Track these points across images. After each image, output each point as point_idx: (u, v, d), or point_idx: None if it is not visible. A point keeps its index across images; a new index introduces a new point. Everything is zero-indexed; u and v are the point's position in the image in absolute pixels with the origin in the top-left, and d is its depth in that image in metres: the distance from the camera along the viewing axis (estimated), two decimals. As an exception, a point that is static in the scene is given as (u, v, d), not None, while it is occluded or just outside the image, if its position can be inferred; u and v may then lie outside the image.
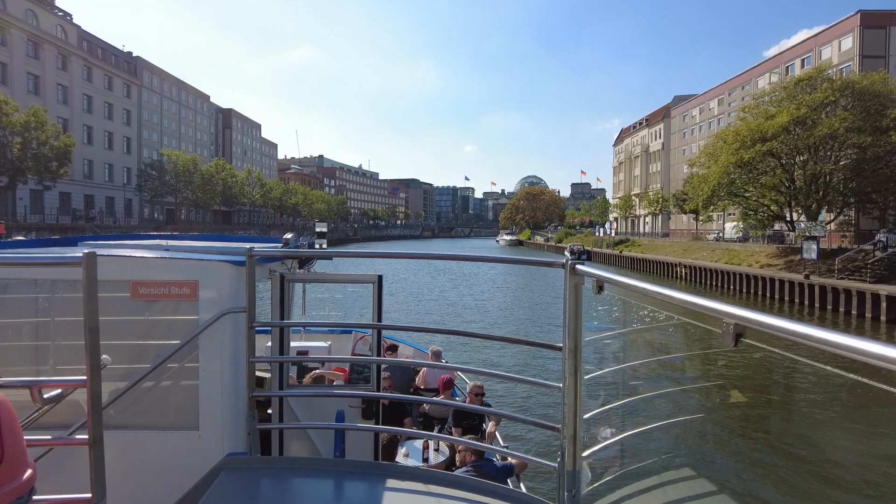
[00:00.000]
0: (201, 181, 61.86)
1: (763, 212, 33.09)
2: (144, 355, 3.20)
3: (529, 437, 8.64)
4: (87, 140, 59.74)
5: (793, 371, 11.88)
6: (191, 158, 61.81)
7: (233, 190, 69.80)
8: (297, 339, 6.64)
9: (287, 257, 4.32)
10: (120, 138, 66.01)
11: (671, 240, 55.89)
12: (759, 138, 28.39)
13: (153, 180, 59.97)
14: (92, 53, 60.65)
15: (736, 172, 30.37)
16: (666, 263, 41.41)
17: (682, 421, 6.70)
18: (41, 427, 2.34)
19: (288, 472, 2.66)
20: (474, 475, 3.68)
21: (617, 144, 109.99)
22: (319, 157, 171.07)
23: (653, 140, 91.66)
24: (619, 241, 58.56)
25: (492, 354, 14.76)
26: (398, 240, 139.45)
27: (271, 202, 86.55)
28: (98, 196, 61.13)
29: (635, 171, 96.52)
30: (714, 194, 31.30)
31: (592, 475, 2.46)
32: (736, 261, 35.01)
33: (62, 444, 2.42)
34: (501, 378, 11.11)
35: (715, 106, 72.43)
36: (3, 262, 2.80)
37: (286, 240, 4.44)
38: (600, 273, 2.08)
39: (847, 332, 1.01)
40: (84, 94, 58.88)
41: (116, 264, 3.14)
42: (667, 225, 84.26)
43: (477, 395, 5.48)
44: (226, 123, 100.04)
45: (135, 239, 5.11)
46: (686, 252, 43.43)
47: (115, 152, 64.58)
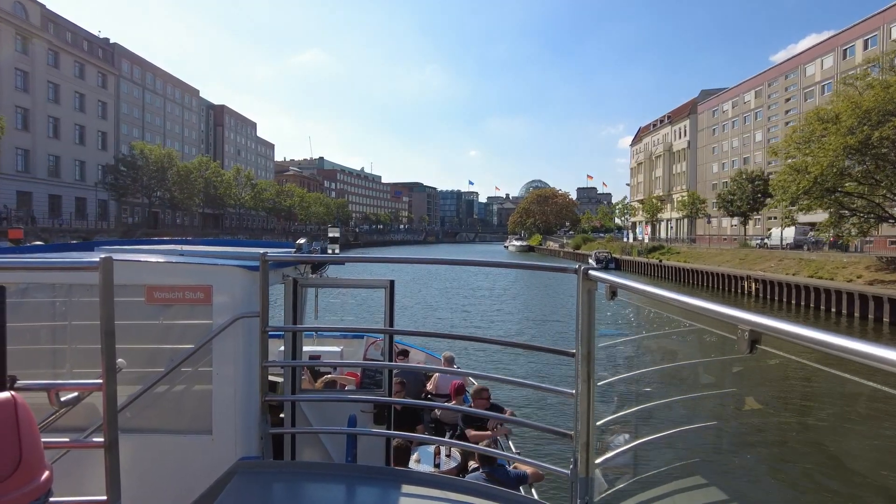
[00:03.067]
0: (178, 179, 54.63)
1: (870, 211, 25.70)
2: (159, 359, 3.21)
3: (541, 443, 8.53)
4: (52, 133, 53.20)
5: (810, 379, 11.54)
6: (166, 153, 54.67)
7: (217, 190, 62.71)
8: (310, 343, 6.50)
9: (300, 262, 4.35)
10: (93, 133, 59.42)
11: (717, 246, 48.87)
12: (891, 111, 21.17)
13: (123, 177, 52.81)
14: (59, 37, 54.13)
15: (851, 159, 23.13)
16: (727, 276, 34.33)
17: (696, 428, 4.55)
18: (58, 429, 2.33)
19: (300, 476, 2.69)
20: (486, 481, 3.74)
21: (634, 144, 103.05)
22: (320, 159, 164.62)
23: (676, 138, 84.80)
24: (652, 248, 51.52)
25: (503, 360, 14.58)
26: (401, 245, 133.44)
27: (262, 204, 79.18)
28: (66, 196, 54.51)
29: (656, 171, 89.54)
30: (817, 186, 23.89)
31: (605, 483, 2.45)
32: (822, 274, 28.02)
33: (78, 446, 2.43)
34: (513, 384, 10.08)
35: (751, 99, 65.55)
36: (21, 266, 2.92)
37: (299, 245, 4.33)
38: (613, 279, 2.06)
39: (865, 338, 0.98)
40: (49, 81, 52.30)
41: (132, 269, 3.17)
42: (693, 229, 77.48)
43: (482, 399, 5.54)
44: (217, 121, 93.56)
45: (150, 244, 5.32)
46: (745, 262, 36.40)
47: (87, 148, 57.94)
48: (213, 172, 62.15)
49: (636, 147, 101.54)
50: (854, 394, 10.71)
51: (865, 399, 10.53)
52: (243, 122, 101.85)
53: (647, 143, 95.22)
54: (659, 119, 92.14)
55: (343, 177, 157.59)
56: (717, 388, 3.80)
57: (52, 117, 53.15)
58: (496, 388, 5.55)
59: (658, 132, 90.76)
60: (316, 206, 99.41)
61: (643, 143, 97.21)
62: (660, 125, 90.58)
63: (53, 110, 53.32)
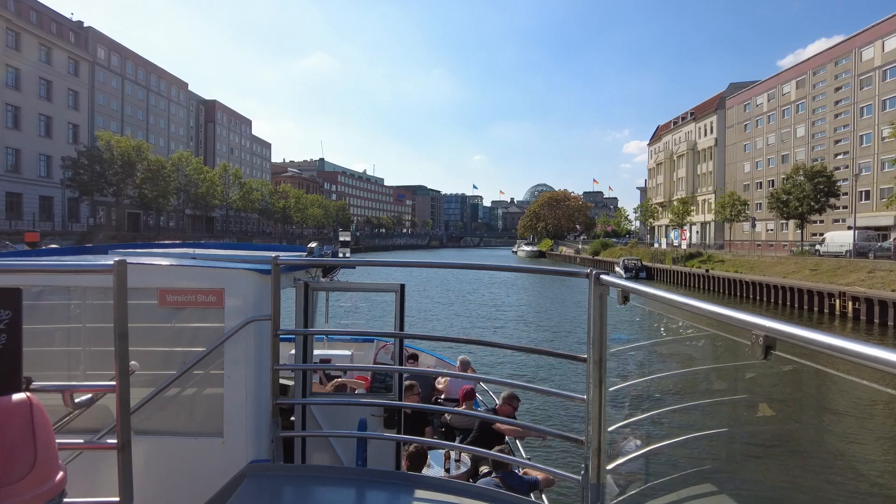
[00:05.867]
0: (150, 174, 48.17)
1: None
2: (171, 362, 3.20)
3: (552, 448, 8.53)
4: (11, 124, 47.29)
5: (827, 386, 8.54)
6: (134, 145, 48.24)
7: (198, 188, 56.30)
8: (321, 347, 6.55)
9: (311, 266, 4.31)
10: (62, 125, 53.45)
11: (772, 254, 42.43)
12: None
13: (84, 172, 46.39)
14: (22, 16, 48.29)
15: None
16: (808, 292, 27.82)
17: (708, 435, 4.62)
18: (72, 431, 2.34)
19: (310, 480, 2.69)
20: (498, 487, 3.77)
21: (653, 143, 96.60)
22: (320, 161, 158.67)
23: (701, 136, 78.40)
24: (689, 255, 45.08)
25: (514, 365, 14.54)
26: (404, 249, 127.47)
27: (252, 206, 72.39)
28: (28, 195, 48.54)
29: (679, 172, 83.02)
30: None
31: (617, 488, 2.44)
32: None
33: (92, 447, 2.43)
34: (524, 389, 10.02)
35: (791, 90, 59.12)
36: (37, 269, 3.03)
37: (311, 248, 4.37)
38: (625, 283, 2.05)
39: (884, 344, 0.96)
40: (7, 64, 46.38)
41: (145, 272, 3.18)
42: (722, 234, 71.07)
43: (509, 406, 5.52)
44: (208, 117, 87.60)
45: (163, 247, 5.39)
46: (819, 274, 29.93)
47: (54, 141, 51.96)
48: (195, 169, 55.74)
49: (655, 146, 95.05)
50: (872, 401, 10.33)
51: (884, 406, 10.45)
52: (237, 118, 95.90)
53: (667, 142, 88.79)
54: (681, 116, 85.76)
55: (344, 179, 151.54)
56: (729, 395, 3.47)
57: (10, 105, 47.23)
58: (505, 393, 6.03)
59: (680, 130, 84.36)
60: (313, 209, 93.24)
61: (663, 142, 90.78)
62: (682, 122, 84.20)
63: (13, 98, 47.39)
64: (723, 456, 3.81)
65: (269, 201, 78.30)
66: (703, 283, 37.64)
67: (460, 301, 30.55)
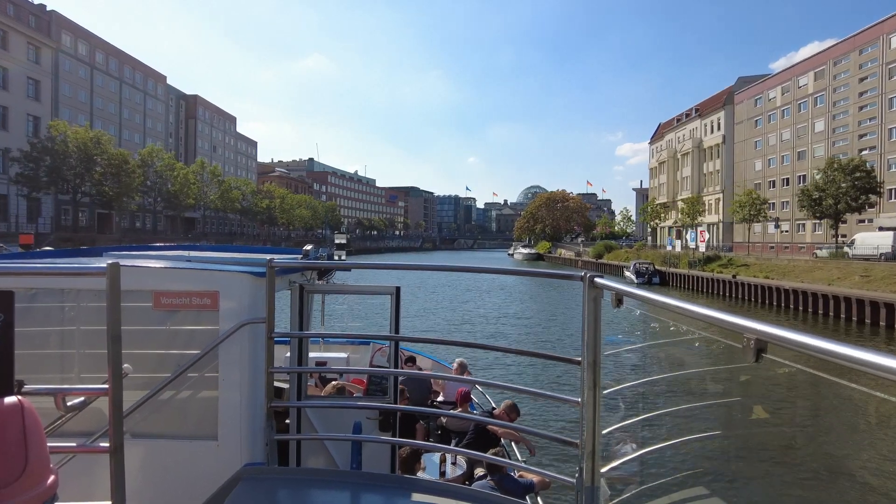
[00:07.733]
0: (111, 169, 43.41)
1: None
2: (165, 365, 3.16)
3: (547, 451, 8.54)
4: (-43, 113, 42.54)
5: (817, 388, 11.37)
6: (93, 136, 43.48)
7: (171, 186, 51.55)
8: (316, 350, 6.56)
9: (307, 268, 4.23)
10: (20, 116, 48.77)
11: (798, 257, 38.57)
12: None
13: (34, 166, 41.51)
14: (-29, -5, 43.68)
15: None
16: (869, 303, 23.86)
17: (702, 437, 6.13)
18: (64, 434, 2.33)
19: (305, 483, 2.68)
20: (493, 490, 3.75)
21: (655, 142, 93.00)
22: (310, 161, 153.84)
23: (707, 133, 74.83)
24: (707, 259, 41.18)
25: (509, 368, 14.60)
26: (397, 252, 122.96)
27: (231, 206, 67.42)
28: (-21, 192, 43.85)
29: (684, 171, 79.38)
30: None
31: (611, 491, 2.37)
32: None
33: (84, 451, 2.45)
34: (519, 392, 9.88)
35: (809, 82, 55.54)
36: (30, 271, 2.88)
37: (306, 251, 4.40)
38: (619, 286, 2.07)
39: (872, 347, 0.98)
40: (-48, 47, 41.74)
41: (139, 275, 3.15)
42: (728, 236, 67.46)
43: (507, 417, 5.52)
44: (189, 113, 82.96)
45: (157, 249, 5.29)
46: (871, 281, 26.08)
47: (10, 134, 47.26)
48: (166, 165, 51.06)
49: (656, 145, 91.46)
50: (862, 403, 10.42)
51: (873, 409, 10.42)
52: (221, 115, 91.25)
53: (670, 140, 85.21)
54: (685, 112, 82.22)
55: (335, 179, 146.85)
56: (723, 397, 3.43)
57: (-43, 93, 42.51)
58: (502, 396, 5.73)
59: (684, 127, 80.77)
60: (300, 209, 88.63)
61: (665, 140, 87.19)
62: (686, 119, 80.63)
63: (-40, 85, 42.70)
64: (716, 458, 4.25)
65: (251, 201, 73.46)
66: (731, 290, 33.61)
67: (456, 304, 30.35)
